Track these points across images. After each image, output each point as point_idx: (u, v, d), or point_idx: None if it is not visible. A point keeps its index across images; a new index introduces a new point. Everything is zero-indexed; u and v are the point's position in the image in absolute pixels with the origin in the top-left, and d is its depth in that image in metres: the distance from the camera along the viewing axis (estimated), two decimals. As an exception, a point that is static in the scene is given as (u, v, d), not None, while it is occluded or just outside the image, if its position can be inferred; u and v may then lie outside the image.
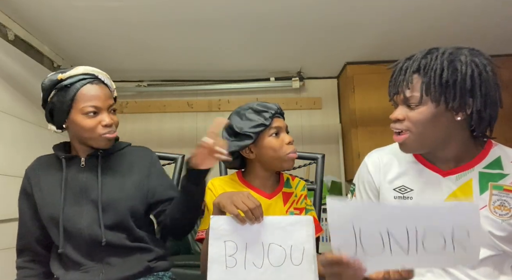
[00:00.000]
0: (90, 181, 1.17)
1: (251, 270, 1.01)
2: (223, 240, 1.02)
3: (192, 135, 3.39)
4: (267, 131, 1.23)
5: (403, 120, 0.99)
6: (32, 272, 1.20)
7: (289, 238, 1.03)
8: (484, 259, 0.99)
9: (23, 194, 1.23)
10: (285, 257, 1.02)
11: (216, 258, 1.01)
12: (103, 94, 1.15)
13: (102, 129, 1.14)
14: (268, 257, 1.02)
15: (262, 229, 1.03)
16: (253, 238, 1.02)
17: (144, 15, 2.28)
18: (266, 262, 1.01)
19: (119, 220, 1.15)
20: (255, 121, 1.22)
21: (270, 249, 1.02)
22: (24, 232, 1.21)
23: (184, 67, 3.14)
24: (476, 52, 0.98)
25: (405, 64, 1.00)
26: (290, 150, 1.23)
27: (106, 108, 1.15)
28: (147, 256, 1.19)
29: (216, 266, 1.01)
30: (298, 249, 1.02)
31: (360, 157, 2.88)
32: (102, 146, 1.18)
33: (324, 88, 3.42)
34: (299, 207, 1.29)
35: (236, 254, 1.01)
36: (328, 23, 2.43)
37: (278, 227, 1.03)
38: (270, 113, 1.23)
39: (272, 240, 1.02)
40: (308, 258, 1.02)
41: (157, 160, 1.32)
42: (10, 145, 2.20)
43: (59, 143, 1.28)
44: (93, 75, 1.16)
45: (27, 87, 2.41)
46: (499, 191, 0.99)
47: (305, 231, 1.03)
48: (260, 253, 1.02)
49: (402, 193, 1.10)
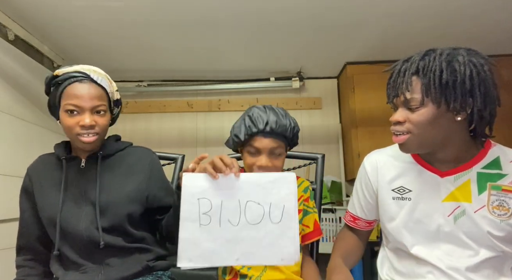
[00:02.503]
0: (89, 183, 1.17)
1: (226, 227, 0.97)
2: (197, 198, 0.97)
3: (192, 135, 3.40)
4: (246, 146, 1.19)
5: (404, 122, 0.99)
6: (32, 271, 1.19)
7: (268, 196, 0.98)
8: (484, 260, 0.99)
9: (24, 192, 1.22)
10: (263, 215, 0.98)
11: (188, 215, 0.97)
12: (88, 94, 1.11)
13: (79, 129, 1.11)
14: (245, 215, 0.98)
15: (238, 186, 0.98)
16: (228, 196, 0.98)
17: (144, 15, 2.28)
18: (242, 220, 0.97)
19: (116, 223, 1.15)
20: (239, 131, 1.20)
21: (247, 206, 0.98)
22: (25, 230, 1.21)
23: (184, 67, 3.14)
24: (473, 52, 0.98)
25: (403, 66, 1.00)
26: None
27: (89, 108, 1.11)
28: (146, 256, 1.19)
29: (189, 223, 0.97)
30: (277, 207, 0.98)
31: (360, 157, 2.88)
32: (81, 147, 1.15)
33: (324, 88, 3.42)
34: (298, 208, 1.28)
35: (211, 212, 0.97)
36: (328, 23, 2.43)
37: (256, 184, 0.99)
38: (251, 130, 1.16)
39: (250, 198, 0.98)
40: (288, 216, 0.98)
41: (158, 162, 1.31)
42: (10, 145, 2.21)
43: (60, 142, 1.27)
44: (84, 74, 1.13)
45: (27, 87, 2.41)
46: (498, 191, 0.99)
47: (285, 188, 0.99)
48: (236, 211, 0.98)
49: (400, 194, 1.10)
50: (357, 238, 1.25)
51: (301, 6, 2.21)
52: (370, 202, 1.19)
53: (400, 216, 1.09)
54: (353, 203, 1.25)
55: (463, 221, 1.01)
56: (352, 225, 1.25)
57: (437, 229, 1.03)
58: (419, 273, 1.05)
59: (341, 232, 1.29)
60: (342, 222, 2.76)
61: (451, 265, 1.01)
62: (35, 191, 1.19)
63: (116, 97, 1.24)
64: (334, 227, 2.76)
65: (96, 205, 1.13)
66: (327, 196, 2.92)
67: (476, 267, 0.99)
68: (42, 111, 2.54)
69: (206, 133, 3.38)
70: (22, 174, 1.24)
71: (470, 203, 1.00)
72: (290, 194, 0.99)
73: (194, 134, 3.39)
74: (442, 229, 1.03)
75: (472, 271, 0.99)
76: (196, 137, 3.40)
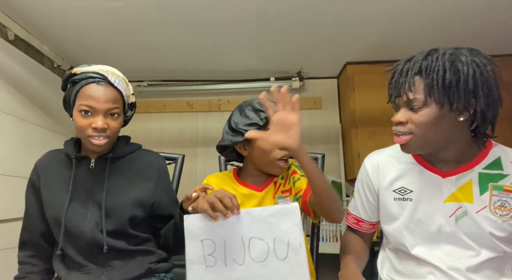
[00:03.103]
0: (97, 185, 1.16)
1: (232, 267, 0.95)
2: (200, 240, 0.97)
3: (192, 135, 3.40)
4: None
5: (406, 122, 0.98)
6: (34, 268, 1.18)
7: (271, 231, 0.96)
8: (485, 261, 0.99)
9: (31, 187, 1.21)
10: (268, 251, 0.96)
11: (194, 258, 0.97)
12: (103, 96, 1.11)
13: (91, 131, 1.11)
14: (249, 252, 0.96)
15: (239, 223, 0.97)
16: (231, 234, 0.96)
17: (144, 15, 2.28)
18: (247, 258, 0.96)
19: (120, 227, 1.14)
20: (250, 119, 1.20)
21: (251, 243, 0.96)
22: (30, 225, 1.20)
23: (184, 67, 3.14)
24: (476, 52, 0.98)
25: (406, 66, 0.99)
26: (281, 155, 1.18)
27: (103, 111, 1.11)
28: (149, 259, 1.19)
29: (196, 266, 0.96)
30: (282, 242, 0.95)
31: (360, 157, 2.87)
32: (91, 149, 1.15)
33: (324, 88, 3.42)
34: (285, 189, 1.25)
35: (215, 253, 0.96)
36: (328, 23, 2.43)
37: (258, 220, 0.97)
38: (267, 113, 1.17)
39: (252, 234, 0.96)
40: (294, 251, 0.95)
41: (166, 169, 1.30)
42: (10, 145, 2.20)
43: (70, 138, 1.25)
44: (102, 76, 1.13)
45: (27, 87, 2.40)
46: (499, 192, 0.99)
47: (288, 221, 0.96)
48: (240, 249, 0.96)
49: (401, 195, 1.10)
50: (362, 241, 1.24)
51: (301, 6, 2.21)
52: (372, 203, 1.18)
53: (401, 217, 1.08)
54: (355, 205, 1.23)
55: (465, 221, 1.00)
56: (356, 228, 1.23)
57: (438, 230, 1.03)
58: (420, 274, 1.05)
59: (346, 236, 1.27)
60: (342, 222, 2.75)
61: (452, 265, 1.01)
62: (42, 187, 1.18)
63: (132, 100, 1.23)
64: (334, 227, 2.76)
65: (102, 208, 1.13)
66: (327, 196, 2.91)
67: (477, 268, 0.99)
68: (42, 111, 2.54)
69: (206, 133, 3.38)
70: (22, 174, 1.24)
71: (472, 204, 1.00)
72: (294, 225, 0.96)
73: (194, 134, 3.39)
74: (443, 229, 1.02)
75: (472, 272, 0.99)
76: (196, 137, 3.39)
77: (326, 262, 1.19)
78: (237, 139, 1.21)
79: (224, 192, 0.97)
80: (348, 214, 1.27)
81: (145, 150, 1.30)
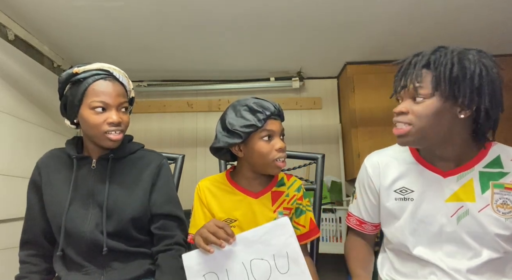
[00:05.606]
0: (99, 185, 1.16)
1: None
2: (202, 275, 0.98)
3: (192, 135, 3.40)
4: (258, 133, 1.15)
5: (407, 113, 0.99)
6: (35, 268, 1.18)
7: (268, 248, 0.99)
8: (486, 262, 0.99)
9: (32, 185, 1.20)
10: (270, 269, 0.98)
11: None
12: (114, 91, 1.11)
13: (107, 126, 1.10)
14: (252, 274, 0.98)
15: (237, 249, 0.99)
16: (231, 261, 0.98)
17: (144, 15, 2.28)
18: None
19: (121, 228, 1.14)
20: (247, 120, 1.15)
21: (252, 266, 0.98)
22: (31, 224, 1.19)
23: (184, 67, 3.14)
24: (483, 53, 0.99)
25: (414, 59, 1.01)
26: (278, 156, 1.16)
27: (116, 105, 1.11)
28: (149, 260, 1.19)
29: None
30: (281, 257, 0.98)
31: (360, 157, 2.87)
32: (107, 146, 1.14)
33: (324, 88, 3.42)
34: (289, 207, 1.23)
35: None
36: (328, 23, 2.43)
37: (254, 241, 0.99)
38: (264, 114, 1.15)
39: (252, 256, 0.99)
40: (294, 262, 0.98)
41: (167, 168, 1.28)
42: (10, 145, 2.20)
43: (72, 138, 1.25)
44: (107, 72, 1.13)
45: (27, 87, 2.41)
46: (501, 190, 1.00)
47: (283, 234, 0.99)
48: (243, 274, 0.98)
49: (403, 195, 1.09)
50: (366, 243, 1.23)
51: (301, 6, 2.21)
52: (374, 204, 1.18)
53: (402, 217, 1.08)
54: (357, 207, 1.22)
55: (467, 221, 1.00)
56: (359, 229, 1.22)
57: (440, 230, 1.03)
58: (421, 274, 1.05)
59: (350, 240, 1.26)
60: (342, 222, 2.76)
61: (453, 266, 1.00)
62: (43, 186, 1.17)
63: (132, 95, 1.24)
64: (334, 227, 2.76)
65: (104, 209, 1.12)
66: (327, 196, 2.91)
67: (478, 269, 0.99)
68: (42, 111, 2.54)
69: (206, 133, 3.37)
70: (21, 174, 1.24)
71: (474, 203, 1.00)
72: (289, 237, 1.00)
73: (194, 134, 3.39)
74: (445, 229, 1.02)
75: (473, 273, 0.99)
76: (196, 137, 3.39)
77: (326, 262, 1.19)
78: (234, 140, 1.16)
79: (216, 226, 0.99)
80: (350, 216, 1.25)
81: (147, 150, 1.29)
